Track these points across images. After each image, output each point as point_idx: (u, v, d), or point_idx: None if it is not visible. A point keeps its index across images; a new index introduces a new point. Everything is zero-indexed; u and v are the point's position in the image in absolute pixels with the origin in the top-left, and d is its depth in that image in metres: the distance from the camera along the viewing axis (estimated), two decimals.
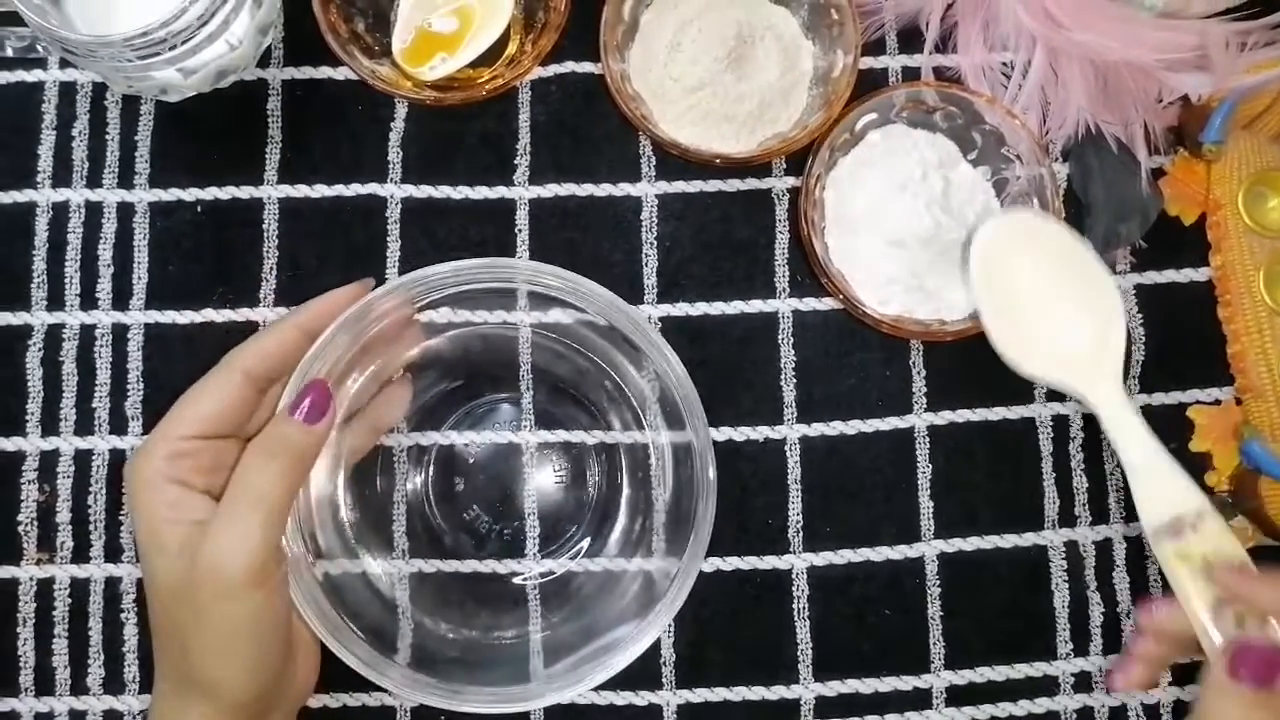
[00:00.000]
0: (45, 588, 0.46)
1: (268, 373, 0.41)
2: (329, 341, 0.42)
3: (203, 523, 0.38)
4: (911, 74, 0.50)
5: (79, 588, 0.46)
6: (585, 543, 0.47)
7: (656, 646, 0.47)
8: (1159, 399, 0.49)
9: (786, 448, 0.48)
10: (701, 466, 0.43)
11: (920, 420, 0.48)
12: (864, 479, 0.48)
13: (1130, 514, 0.48)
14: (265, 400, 0.42)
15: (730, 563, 0.47)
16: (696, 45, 0.47)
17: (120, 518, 0.47)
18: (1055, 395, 0.48)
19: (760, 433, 0.48)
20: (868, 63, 0.50)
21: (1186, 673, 0.47)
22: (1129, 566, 0.48)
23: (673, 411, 0.44)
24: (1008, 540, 0.48)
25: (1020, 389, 0.48)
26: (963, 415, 0.48)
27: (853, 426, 0.48)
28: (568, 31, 0.48)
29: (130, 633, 0.46)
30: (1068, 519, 0.48)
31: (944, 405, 0.48)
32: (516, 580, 0.47)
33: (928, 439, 0.48)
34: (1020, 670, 0.47)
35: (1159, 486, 0.37)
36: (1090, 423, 0.48)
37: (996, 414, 0.48)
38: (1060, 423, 0.48)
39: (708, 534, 0.43)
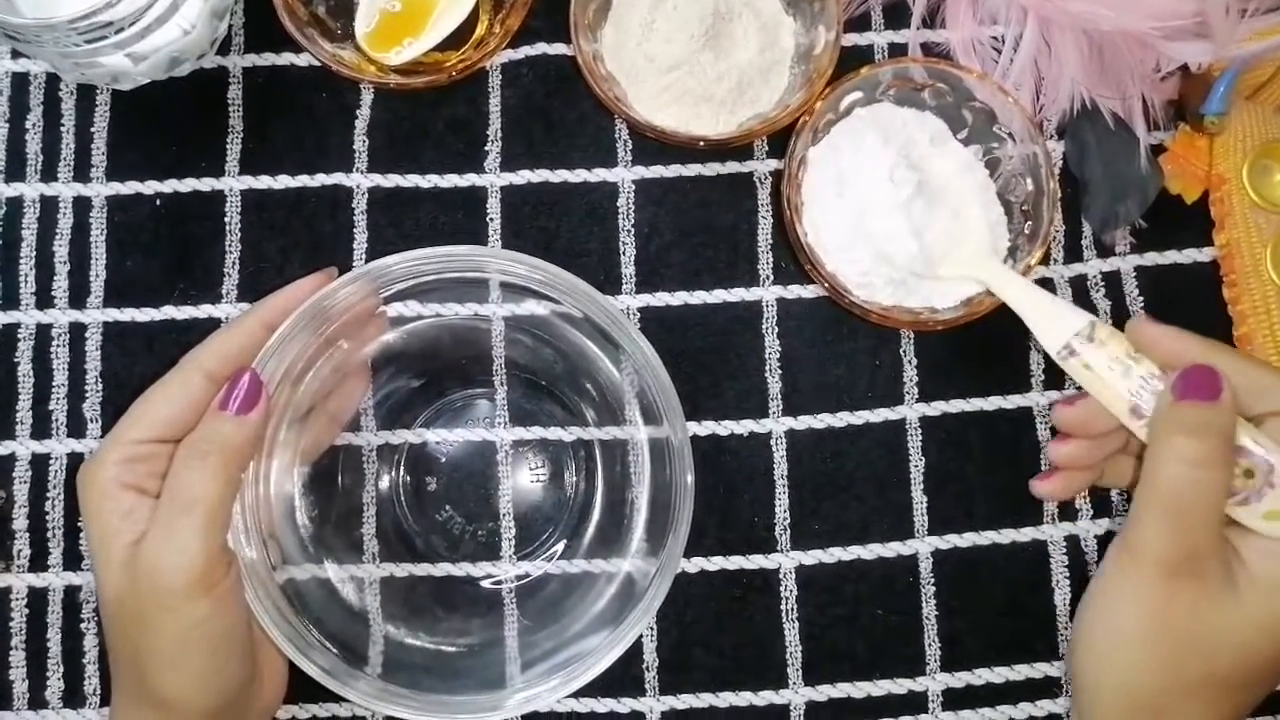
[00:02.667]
0: (2, 597, 0.45)
1: (229, 371, 0.39)
2: (288, 335, 0.40)
3: None
4: (898, 50, 0.48)
5: (37, 597, 0.45)
6: (562, 544, 0.45)
7: (639, 650, 0.45)
8: None
9: (772, 441, 0.46)
10: (680, 462, 0.41)
11: (912, 411, 0.46)
12: (854, 473, 0.46)
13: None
14: None
15: (715, 562, 0.45)
16: (672, 23, 0.45)
17: (79, 524, 0.45)
18: (1053, 384, 0.46)
19: (745, 426, 0.46)
20: (852, 39, 0.48)
21: None
22: None
23: (650, 407, 0.42)
24: (1005, 535, 0.45)
25: (1015, 377, 0.46)
26: (956, 405, 0.46)
27: (841, 419, 0.46)
28: (536, 11, 0.46)
29: (90, 643, 0.44)
30: (1068, 512, 0.46)
31: (936, 395, 0.46)
32: (491, 583, 0.45)
33: (920, 430, 0.46)
34: (1020, 671, 0.45)
35: (1049, 317, 0.40)
36: None
37: (991, 404, 0.46)
38: None
39: (686, 532, 0.41)
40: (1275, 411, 0.37)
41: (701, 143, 0.44)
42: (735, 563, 0.45)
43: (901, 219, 0.43)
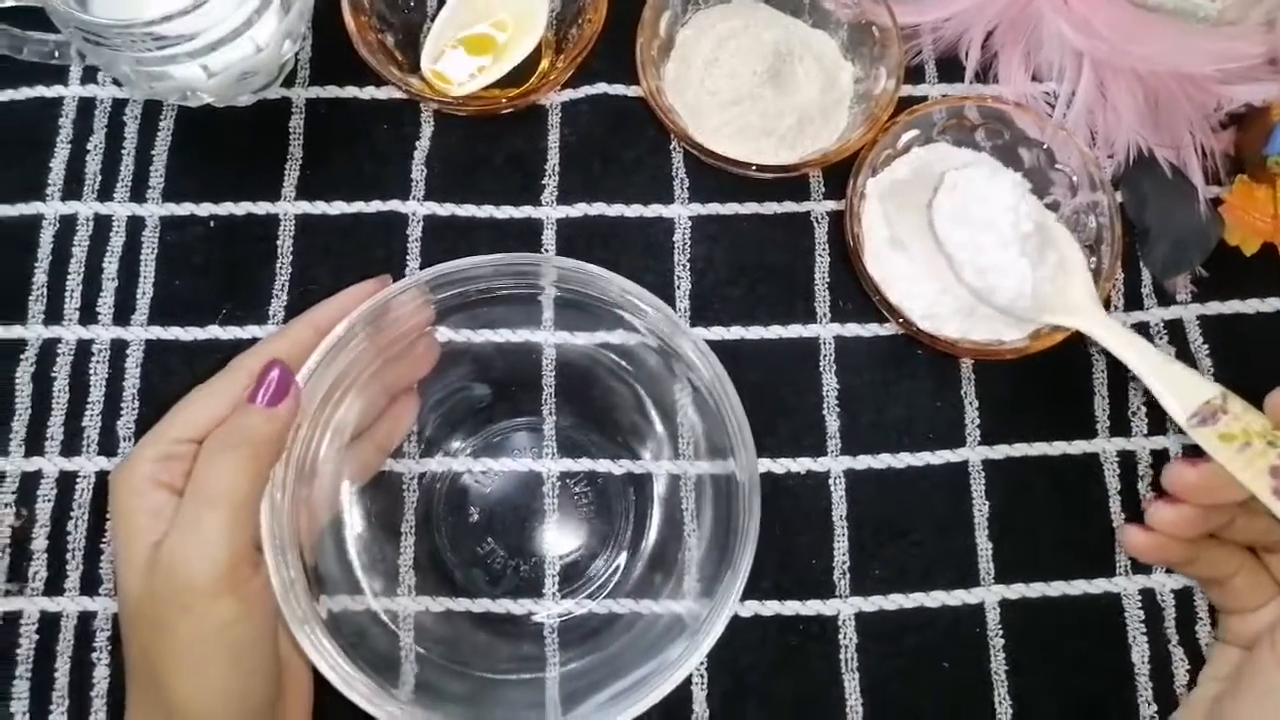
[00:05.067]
0: (11, 622, 0.42)
1: None
2: (339, 342, 0.38)
3: None
4: (953, 111, 0.48)
5: (48, 622, 0.42)
6: (610, 581, 0.43)
7: (688, 700, 0.42)
8: None
9: (830, 481, 0.44)
10: (746, 496, 0.39)
11: (974, 454, 0.44)
12: (915, 516, 0.44)
13: None
14: None
15: (770, 607, 0.43)
16: (735, 60, 0.45)
17: (101, 545, 0.43)
18: (1119, 430, 0.45)
19: (801, 464, 0.44)
20: (907, 90, 0.48)
21: None
22: (1213, 618, 0.43)
23: (714, 436, 0.40)
24: (1076, 586, 0.43)
25: (1080, 422, 0.45)
26: (1020, 449, 0.44)
27: (901, 459, 0.44)
28: (598, 51, 0.47)
29: (100, 674, 0.41)
30: (1142, 565, 0.43)
31: (999, 438, 0.45)
32: (533, 620, 0.42)
33: (983, 474, 0.44)
34: None
35: (1179, 382, 0.38)
36: (1159, 460, 0.45)
37: (1056, 449, 0.45)
38: (1126, 459, 0.45)
39: (746, 572, 0.38)
40: None
41: (755, 167, 0.44)
42: (791, 608, 0.43)
43: (1016, 254, 0.42)
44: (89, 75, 0.48)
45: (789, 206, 0.47)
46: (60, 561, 0.43)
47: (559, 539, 0.43)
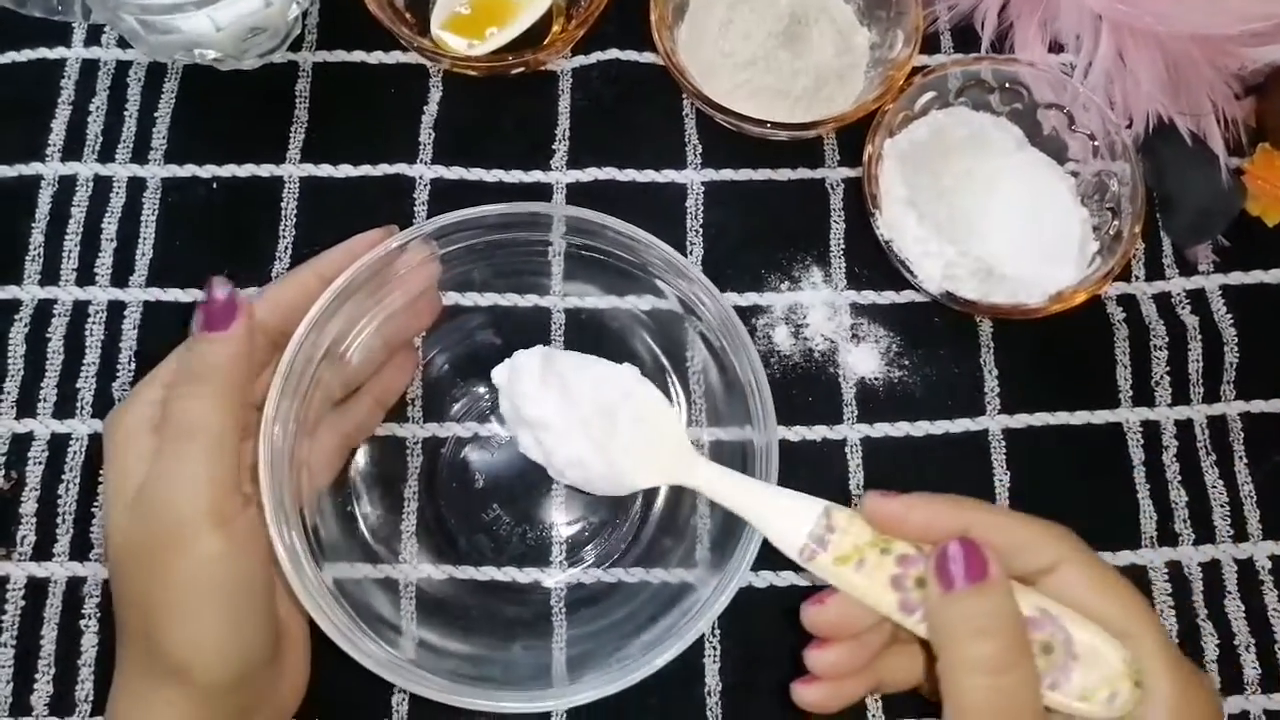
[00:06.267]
0: None
1: (281, 324, 0.36)
2: (342, 291, 0.37)
3: None
4: (969, 75, 0.48)
5: (36, 589, 0.40)
6: (618, 549, 0.41)
7: (700, 674, 0.40)
8: (1258, 406, 0.44)
9: (847, 449, 0.43)
10: (763, 464, 0.37)
11: (994, 423, 0.43)
12: (934, 485, 0.41)
13: (1239, 534, 0.42)
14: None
15: (785, 578, 0.41)
16: (750, 21, 0.45)
17: (92, 510, 0.41)
18: (1143, 400, 0.44)
19: (818, 432, 0.43)
20: (922, 59, 0.48)
21: None
22: (1242, 592, 0.42)
23: (731, 397, 0.39)
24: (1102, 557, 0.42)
25: (1102, 390, 0.44)
26: (1041, 418, 0.43)
27: (920, 428, 0.43)
28: (609, 16, 0.46)
29: (89, 643, 0.40)
30: (1168, 537, 0.42)
31: (1019, 408, 0.43)
32: (540, 587, 0.41)
33: (1004, 443, 0.43)
34: None
35: (783, 517, 0.33)
36: (1184, 431, 0.43)
37: (1079, 418, 0.43)
38: (1151, 429, 0.43)
39: (758, 540, 0.36)
40: (1046, 568, 0.31)
41: (770, 124, 0.43)
42: (807, 578, 0.41)
43: (582, 437, 0.36)
44: (93, 37, 0.47)
45: (804, 173, 0.46)
46: (50, 526, 0.41)
47: (566, 506, 0.42)
